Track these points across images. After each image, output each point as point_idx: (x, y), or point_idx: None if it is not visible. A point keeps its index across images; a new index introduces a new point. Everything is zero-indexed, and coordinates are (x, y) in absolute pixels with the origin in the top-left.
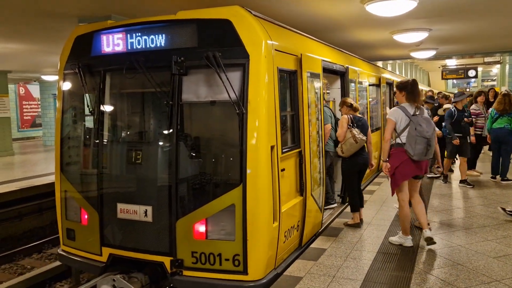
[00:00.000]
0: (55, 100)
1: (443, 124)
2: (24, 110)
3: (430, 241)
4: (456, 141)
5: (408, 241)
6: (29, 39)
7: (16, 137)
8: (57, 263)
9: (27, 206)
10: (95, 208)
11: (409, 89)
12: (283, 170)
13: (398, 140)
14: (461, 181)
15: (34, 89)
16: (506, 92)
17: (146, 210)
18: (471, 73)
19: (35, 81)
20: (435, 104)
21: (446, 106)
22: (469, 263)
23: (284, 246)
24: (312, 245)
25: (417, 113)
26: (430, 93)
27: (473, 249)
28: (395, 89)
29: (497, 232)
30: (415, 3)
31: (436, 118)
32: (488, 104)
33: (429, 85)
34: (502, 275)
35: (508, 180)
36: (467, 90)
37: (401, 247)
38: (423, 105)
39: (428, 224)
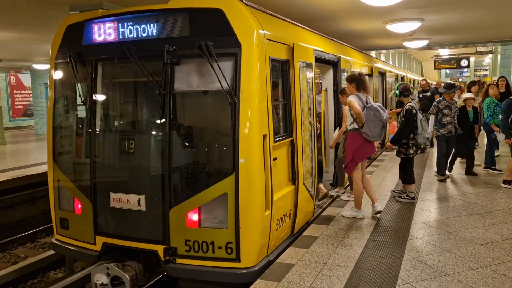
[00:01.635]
0: (46, 89)
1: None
2: (16, 99)
3: (379, 213)
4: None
5: (360, 214)
6: (20, 27)
7: (8, 127)
8: (51, 252)
9: (20, 196)
10: (89, 198)
11: (358, 80)
12: (275, 159)
13: (354, 125)
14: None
15: (25, 78)
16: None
17: (139, 199)
18: (464, 63)
19: (26, 69)
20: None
21: (468, 95)
22: (457, 250)
23: (276, 234)
24: (304, 233)
25: (369, 101)
26: (423, 82)
27: (461, 236)
28: (345, 81)
29: (485, 220)
30: None
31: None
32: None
33: (422, 75)
34: (488, 261)
35: (495, 170)
36: (460, 79)
37: (391, 233)
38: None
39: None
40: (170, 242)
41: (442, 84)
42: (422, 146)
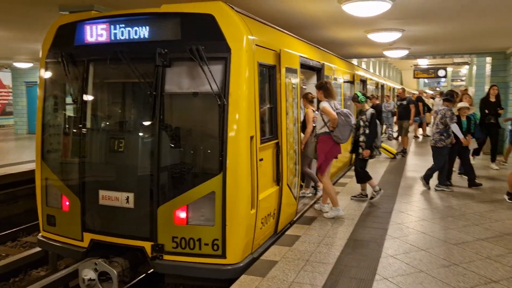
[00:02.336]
0: (28, 88)
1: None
2: None
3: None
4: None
5: (341, 211)
6: (5, 26)
7: None
8: (33, 250)
9: (1, 194)
10: (77, 195)
11: (325, 87)
12: (261, 160)
13: (325, 129)
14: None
15: (5, 77)
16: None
17: (128, 196)
18: (441, 72)
19: (6, 68)
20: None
21: (462, 104)
22: (432, 249)
23: (261, 232)
24: (287, 232)
25: (337, 106)
26: (400, 90)
27: (435, 236)
28: (315, 88)
29: (458, 222)
30: (389, 5)
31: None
32: (488, 104)
33: (402, 84)
34: (460, 260)
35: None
36: (437, 89)
37: (370, 233)
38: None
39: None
40: (158, 239)
41: (426, 93)
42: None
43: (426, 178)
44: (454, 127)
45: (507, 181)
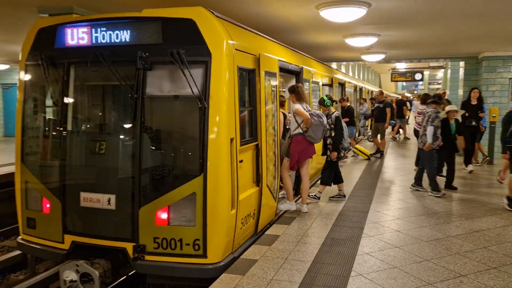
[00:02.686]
0: (4, 90)
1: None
2: None
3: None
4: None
5: (293, 206)
6: None
7: None
8: (11, 254)
9: None
10: (58, 197)
11: (297, 91)
12: (241, 161)
13: (299, 130)
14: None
15: None
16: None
17: (109, 198)
18: (418, 76)
19: None
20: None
21: (451, 107)
22: (405, 246)
23: (241, 232)
24: (267, 232)
25: (308, 108)
26: (377, 93)
27: (409, 234)
28: (287, 91)
29: (430, 220)
30: (364, 11)
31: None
32: (469, 106)
33: (380, 87)
34: (431, 256)
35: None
36: (415, 92)
37: (347, 232)
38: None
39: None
40: (139, 239)
41: (408, 96)
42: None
43: (433, 187)
44: (429, 130)
45: (508, 186)
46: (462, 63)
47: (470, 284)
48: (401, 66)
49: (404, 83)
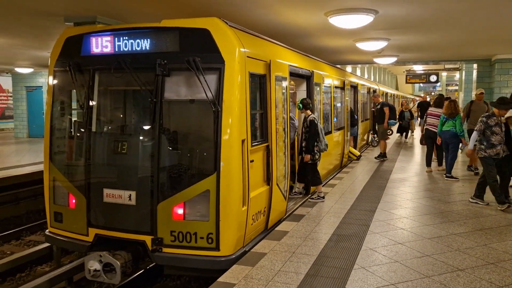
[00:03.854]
0: (28, 93)
1: None
2: None
3: None
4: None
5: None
6: (11, 35)
7: None
8: (38, 247)
9: (4, 196)
10: (83, 193)
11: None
12: (252, 161)
13: None
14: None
15: (4, 81)
16: (451, 98)
17: (130, 194)
18: (433, 78)
19: (7, 72)
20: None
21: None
22: (408, 243)
23: (252, 227)
24: (277, 228)
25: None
26: (374, 96)
27: (413, 232)
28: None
29: (435, 219)
30: (372, 18)
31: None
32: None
33: (396, 88)
34: (432, 251)
35: (451, 177)
36: (432, 93)
37: (353, 229)
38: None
39: None
40: (157, 233)
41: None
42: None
43: (497, 198)
44: (473, 135)
45: None
46: (475, 65)
47: (466, 278)
48: (418, 68)
49: (421, 84)
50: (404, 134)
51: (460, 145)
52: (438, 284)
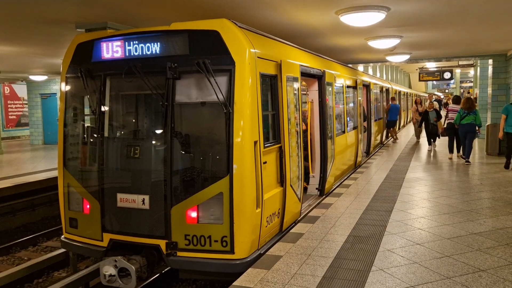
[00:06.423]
0: (42, 100)
1: None
2: (9, 109)
3: None
4: None
5: None
6: (24, 43)
7: (1, 137)
8: (54, 253)
9: (20, 203)
10: (97, 199)
11: None
12: (265, 162)
13: None
14: None
15: (19, 89)
16: (469, 96)
17: (143, 199)
18: (446, 75)
19: (22, 81)
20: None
21: None
22: (426, 243)
23: (266, 230)
24: (292, 230)
25: None
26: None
27: (431, 232)
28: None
29: (454, 218)
30: (384, 15)
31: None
32: None
33: (410, 87)
34: (452, 252)
35: (469, 162)
36: (446, 91)
37: (369, 230)
38: None
39: None
40: (172, 237)
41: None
42: None
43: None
44: None
45: None
46: (490, 61)
47: (488, 279)
48: (431, 65)
49: (434, 82)
50: (432, 140)
51: (477, 133)
52: (460, 286)
